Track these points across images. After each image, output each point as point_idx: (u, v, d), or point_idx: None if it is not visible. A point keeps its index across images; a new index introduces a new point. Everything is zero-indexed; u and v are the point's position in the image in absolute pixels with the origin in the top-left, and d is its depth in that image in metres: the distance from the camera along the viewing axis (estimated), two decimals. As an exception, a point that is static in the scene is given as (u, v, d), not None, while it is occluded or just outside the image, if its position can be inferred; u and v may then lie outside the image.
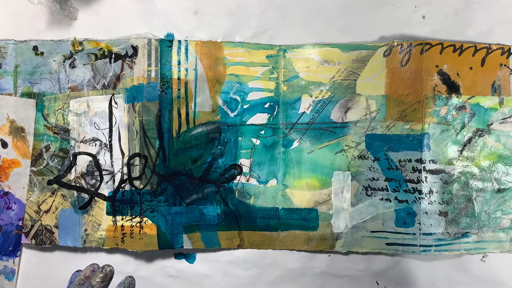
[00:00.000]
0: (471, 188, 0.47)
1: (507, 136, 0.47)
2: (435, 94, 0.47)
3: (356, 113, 0.47)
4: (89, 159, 0.48)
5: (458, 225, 0.47)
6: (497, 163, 0.47)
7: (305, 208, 0.47)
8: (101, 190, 0.47)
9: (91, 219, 0.47)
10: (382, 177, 0.47)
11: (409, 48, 0.47)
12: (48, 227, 0.47)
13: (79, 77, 0.48)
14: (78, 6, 0.48)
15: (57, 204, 0.47)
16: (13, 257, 0.48)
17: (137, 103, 0.47)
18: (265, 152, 0.47)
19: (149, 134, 0.47)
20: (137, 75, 0.47)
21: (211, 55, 0.47)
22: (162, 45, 0.47)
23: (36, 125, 0.48)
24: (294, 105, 0.47)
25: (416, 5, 0.48)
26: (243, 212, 0.47)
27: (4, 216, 0.48)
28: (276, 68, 0.47)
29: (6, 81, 0.48)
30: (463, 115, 0.47)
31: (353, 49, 0.47)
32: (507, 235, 0.47)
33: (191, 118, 0.47)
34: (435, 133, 0.47)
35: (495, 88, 0.47)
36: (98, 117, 0.48)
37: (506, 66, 0.47)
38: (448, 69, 0.47)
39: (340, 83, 0.47)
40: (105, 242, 0.47)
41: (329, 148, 0.47)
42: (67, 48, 0.48)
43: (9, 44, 0.48)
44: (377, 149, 0.47)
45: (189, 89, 0.47)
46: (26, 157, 0.48)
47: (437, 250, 0.47)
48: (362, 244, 0.47)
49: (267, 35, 0.48)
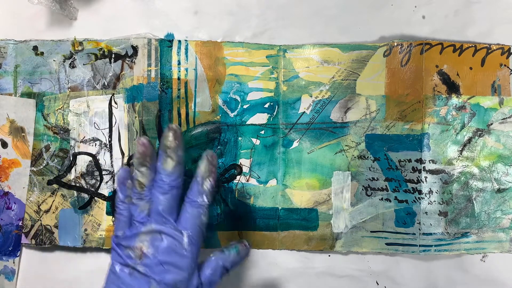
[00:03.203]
0: (471, 188, 0.47)
1: (507, 136, 0.47)
2: (435, 94, 0.47)
3: (356, 113, 0.47)
4: (89, 159, 0.48)
5: (458, 225, 0.47)
6: (497, 163, 0.47)
7: (305, 208, 0.47)
8: (101, 190, 0.47)
9: (91, 219, 0.47)
10: (382, 177, 0.47)
11: (409, 48, 0.47)
12: (48, 227, 0.47)
13: (79, 77, 0.48)
14: (78, 6, 0.48)
15: (57, 204, 0.47)
16: (13, 257, 0.48)
17: (137, 103, 0.47)
18: (265, 152, 0.47)
19: (149, 134, 0.47)
20: (137, 75, 0.47)
21: (211, 55, 0.47)
22: (162, 45, 0.47)
23: (36, 125, 0.48)
24: (294, 105, 0.47)
25: (416, 5, 0.48)
26: (243, 212, 0.47)
27: (4, 216, 0.48)
28: (276, 68, 0.47)
29: (6, 81, 0.48)
30: (463, 115, 0.47)
31: (353, 49, 0.47)
32: (507, 235, 0.47)
33: (191, 118, 0.47)
34: (435, 133, 0.47)
35: (495, 88, 0.47)
36: (98, 117, 0.48)
37: (506, 66, 0.47)
38: (448, 69, 0.47)
39: (340, 83, 0.47)
40: (105, 242, 0.47)
41: (329, 148, 0.47)
42: (67, 48, 0.48)
43: (9, 44, 0.48)
44: (377, 149, 0.47)
45: (189, 89, 0.47)
46: (26, 157, 0.48)
47: (437, 250, 0.47)
48: (362, 244, 0.47)
49: (267, 35, 0.48)
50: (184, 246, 0.36)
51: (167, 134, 0.36)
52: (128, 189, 0.38)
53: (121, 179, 0.38)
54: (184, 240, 0.36)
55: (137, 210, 0.37)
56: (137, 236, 0.36)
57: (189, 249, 0.36)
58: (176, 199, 0.37)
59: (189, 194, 0.37)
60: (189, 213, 0.37)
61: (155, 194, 0.37)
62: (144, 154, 0.36)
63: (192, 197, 0.37)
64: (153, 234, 0.36)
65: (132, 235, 0.36)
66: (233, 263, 0.39)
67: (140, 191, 0.37)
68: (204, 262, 0.38)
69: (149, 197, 0.37)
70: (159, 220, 0.36)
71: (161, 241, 0.36)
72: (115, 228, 0.38)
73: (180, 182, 0.37)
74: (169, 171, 0.36)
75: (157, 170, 0.37)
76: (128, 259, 0.36)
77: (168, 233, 0.36)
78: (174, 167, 0.36)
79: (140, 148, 0.36)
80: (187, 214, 0.37)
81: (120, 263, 0.36)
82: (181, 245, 0.36)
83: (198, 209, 0.37)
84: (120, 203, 0.38)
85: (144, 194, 0.37)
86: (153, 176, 0.37)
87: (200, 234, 0.37)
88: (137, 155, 0.37)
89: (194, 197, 0.37)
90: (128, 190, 0.38)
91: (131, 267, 0.35)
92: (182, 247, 0.36)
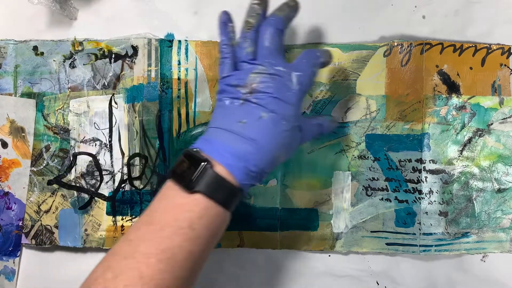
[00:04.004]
0: (471, 188, 0.47)
1: (507, 136, 0.47)
2: (435, 94, 0.47)
3: (356, 113, 0.47)
4: (89, 159, 0.48)
5: (458, 225, 0.47)
6: (497, 163, 0.47)
7: (305, 208, 0.47)
8: (101, 190, 0.47)
9: (91, 219, 0.47)
10: (382, 177, 0.47)
11: (409, 48, 0.46)
12: (48, 227, 0.47)
13: (79, 77, 0.48)
14: (78, 6, 0.48)
15: (57, 204, 0.47)
16: (13, 257, 0.48)
17: (137, 103, 0.47)
18: (265, 152, 0.47)
19: (149, 134, 0.47)
20: (137, 75, 0.47)
21: (211, 55, 0.47)
22: (162, 45, 0.47)
23: (36, 125, 0.48)
24: (294, 105, 0.47)
25: (416, 5, 0.48)
26: (243, 212, 0.47)
27: (4, 216, 0.48)
28: (276, 68, 0.47)
29: (6, 81, 0.48)
30: (463, 115, 0.47)
31: (353, 49, 0.47)
32: (507, 235, 0.47)
33: (191, 118, 0.47)
34: (435, 133, 0.47)
35: (495, 88, 0.47)
36: (98, 117, 0.48)
37: (506, 66, 0.47)
38: (448, 69, 0.47)
39: (340, 83, 0.47)
40: (105, 242, 0.47)
41: (329, 148, 0.47)
42: (67, 48, 0.48)
43: (9, 44, 0.48)
44: (377, 149, 0.47)
45: (189, 89, 0.47)
46: (26, 157, 0.48)
47: (437, 250, 0.47)
48: (362, 244, 0.47)
49: (267, 35, 0.48)
50: (293, 85, 0.36)
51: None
52: (230, 32, 0.38)
53: (223, 20, 0.38)
54: (293, 79, 0.36)
55: (243, 52, 0.37)
56: (247, 75, 0.36)
57: (298, 88, 0.36)
58: (282, 41, 0.38)
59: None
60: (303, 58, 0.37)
61: (263, 33, 0.37)
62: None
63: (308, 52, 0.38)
64: (262, 73, 0.36)
65: (241, 74, 0.36)
66: (326, 128, 0.40)
67: (246, 31, 0.37)
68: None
69: (254, 39, 0.37)
70: (267, 59, 0.36)
71: (272, 79, 0.36)
72: (221, 71, 0.38)
73: (287, 25, 0.38)
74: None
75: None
76: (239, 94, 0.36)
77: (277, 73, 0.36)
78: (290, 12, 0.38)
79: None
80: (301, 59, 0.37)
81: (231, 97, 0.36)
82: (291, 83, 0.36)
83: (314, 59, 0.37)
84: (225, 46, 0.38)
85: (249, 33, 0.37)
86: (261, 18, 0.38)
87: (311, 77, 0.37)
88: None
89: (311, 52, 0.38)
90: (230, 33, 0.38)
91: (242, 99, 0.36)
92: (291, 85, 0.36)
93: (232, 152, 0.34)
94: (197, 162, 0.34)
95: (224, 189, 0.34)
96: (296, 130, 0.37)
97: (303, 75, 0.36)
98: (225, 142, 0.35)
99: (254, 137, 0.34)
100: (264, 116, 0.35)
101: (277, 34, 0.37)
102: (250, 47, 0.37)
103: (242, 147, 0.34)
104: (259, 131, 0.35)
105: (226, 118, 0.36)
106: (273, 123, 0.35)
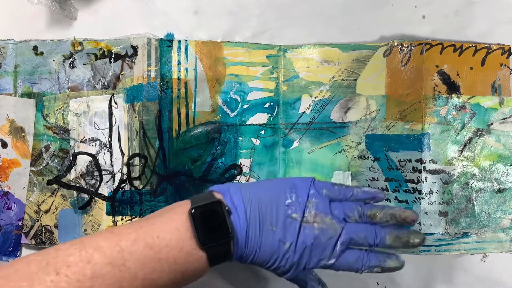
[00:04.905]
0: (471, 188, 0.47)
1: (507, 136, 0.47)
2: (435, 94, 0.47)
3: (356, 113, 0.47)
4: (89, 159, 0.47)
5: (458, 225, 0.47)
6: (497, 163, 0.47)
7: (305, 208, 0.47)
8: (101, 190, 0.47)
9: (91, 219, 0.47)
10: (382, 177, 0.47)
11: (409, 48, 0.46)
12: (48, 227, 0.47)
13: (79, 77, 0.48)
14: (78, 6, 0.48)
15: (57, 204, 0.47)
16: (13, 257, 0.48)
17: (137, 103, 0.47)
18: (265, 152, 0.47)
19: (149, 134, 0.47)
20: (137, 75, 0.47)
21: (211, 55, 0.47)
22: (162, 45, 0.47)
23: (36, 125, 0.48)
24: (294, 105, 0.47)
25: (416, 5, 0.48)
26: (243, 212, 0.47)
27: (4, 216, 0.48)
28: (276, 68, 0.47)
29: (6, 81, 0.48)
30: (463, 115, 0.47)
31: (353, 49, 0.47)
32: (507, 235, 0.47)
33: (191, 118, 0.47)
34: (435, 133, 0.47)
35: (495, 88, 0.47)
36: (98, 117, 0.48)
37: (506, 66, 0.47)
38: (448, 69, 0.47)
39: (340, 83, 0.47)
40: (105, 242, 0.47)
41: (329, 148, 0.47)
42: (67, 48, 0.48)
43: (9, 44, 0.48)
44: (377, 149, 0.47)
45: (189, 89, 0.47)
46: (26, 157, 0.48)
47: (437, 250, 0.47)
48: (362, 244, 0.47)
49: (267, 35, 0.48)
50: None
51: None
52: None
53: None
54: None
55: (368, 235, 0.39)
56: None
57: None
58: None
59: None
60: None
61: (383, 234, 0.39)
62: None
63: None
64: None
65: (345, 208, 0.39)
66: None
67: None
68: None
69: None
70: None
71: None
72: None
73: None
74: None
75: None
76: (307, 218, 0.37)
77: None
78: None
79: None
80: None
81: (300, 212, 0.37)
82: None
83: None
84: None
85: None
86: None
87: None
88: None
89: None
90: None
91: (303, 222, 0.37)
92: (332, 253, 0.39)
93: (256, 240, 0.36)
94: (225, 230, 0.34)
95: (224, 258, 0.36)
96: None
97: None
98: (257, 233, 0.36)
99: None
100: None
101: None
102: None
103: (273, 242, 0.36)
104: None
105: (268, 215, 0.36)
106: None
